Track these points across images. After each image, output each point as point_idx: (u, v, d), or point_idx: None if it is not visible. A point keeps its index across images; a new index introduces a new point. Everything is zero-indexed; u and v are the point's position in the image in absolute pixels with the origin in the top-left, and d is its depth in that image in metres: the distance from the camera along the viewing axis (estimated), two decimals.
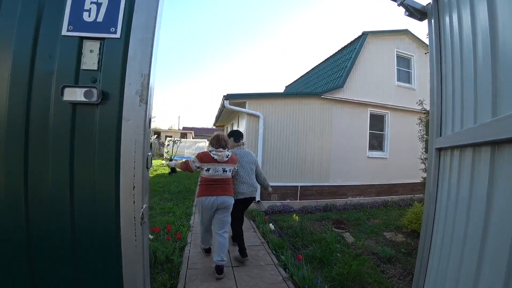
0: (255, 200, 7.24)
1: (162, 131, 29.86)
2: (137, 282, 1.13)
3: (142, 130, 1.14)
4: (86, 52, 1.20)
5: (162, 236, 4.20)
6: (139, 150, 1.14)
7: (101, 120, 1.19)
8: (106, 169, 1.18)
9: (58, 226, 1.17)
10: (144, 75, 1.15)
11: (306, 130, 7.90)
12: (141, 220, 1.13)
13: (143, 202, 1.16)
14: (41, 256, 1.18)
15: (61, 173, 1.17)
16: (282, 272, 3.34)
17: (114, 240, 1.16)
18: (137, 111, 1.14)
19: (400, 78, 9.19)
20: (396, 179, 9.02)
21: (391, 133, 8.99)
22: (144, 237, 1.17)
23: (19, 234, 1.17)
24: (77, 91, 1.14)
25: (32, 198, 1.17)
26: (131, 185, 1.13)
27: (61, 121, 1.18)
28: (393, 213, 6.37)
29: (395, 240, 4.51)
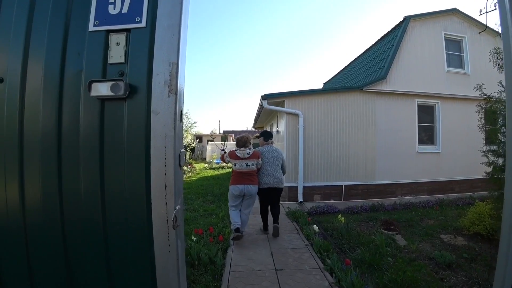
0: (298, 201, 7.12)
1: (203, 136, 30.85)
2: (172, 287, 1.07)
3: (173, 123, 1.07)
4: (112, 46, 1.17)
5: (205, 237, 4.27)
6: (170, 145, 1.07)
7: (130, 114, 1.15)
8: (136, 168, 1.14)
9: (90, 228, 1.16)
10: (172, 64, 1.09)
11: (348, 126, 7.57)
12: (174, 223, 1.06)
13: (176, 203, 1.09)
14: (74, 265, 1.18)
15: (91, 175, 1.16)
16: (328, 277, 3.18)
17: (146, 246, 1.12)
18: (166, 103, 1.08)
19: (451, 63, 8.36)
20: (451, 176, 8.20)
21: (443, 125, 8.21)
22: (178, 241, 1.11)
23: (55, 232, 1.18)
24: (104, 85, 1.12)
25: (64, 201, 1.18)
26: (163, 185, 1.06)
27: (90, 119, 1.17)
28: (450, 213, 5.76)
29: (454, 244, 4.05)
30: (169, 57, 1.09)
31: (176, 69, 1.09)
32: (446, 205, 6.45)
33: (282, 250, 4.05)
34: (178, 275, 1.09)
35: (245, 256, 3.84)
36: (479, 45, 8.38)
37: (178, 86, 1.10)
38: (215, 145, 23.54)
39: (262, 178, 4.50)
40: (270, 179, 4.48)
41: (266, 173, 4.49)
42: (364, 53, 10.68)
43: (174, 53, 1.09)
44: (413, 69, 7.93)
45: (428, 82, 8.00)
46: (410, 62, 7.92)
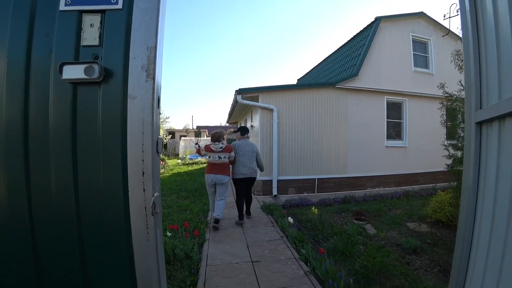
0: (273, 195, 7.21)
1: (176, 131, 30.16)
2: (151, 277, 1.04)
3: (150, 108, 1.04)
4: (86, 27, 1.11)
5: (181, 233, 4.21)
6: (148, 131, 1.03)
7: (105, 99, 1.09)
8: (112, 154, 1.09)
9: (63, 220, 1.10)
10: (150, 48, 1.05)
11: (321, 121, 7.76)
12: (152, 209, 1.03)
13: (154, 190, 1.05)
14: (47, 253, 1.11)
15: (63, 160, 1.10)
16: (303, 266, 3.27)
17: (124, 233, 1.07)
18: (143, 88, 1.04)
19: (417, 64, 8.85)
20: (417, 169, 8.74)
21: (410, 121, 8.70)
22: (157, 229, 1.08)
23: (23, 229, 1.11)
24: (77, 68, 1.05)
25: (35, 188, 1.10)
26: (140, 172, 1.02)
27: (61, 103, 1.10)
28: (415, 203, 6.14)
29: (419, 231, 4.33)
30: (146, 41, 1.05)
31: (154, 53, 1.05)
32: (412, 196, 6.88)
33: (258, 242, 4.10)
34: (158, 262, 1.06)
35: (221, 250, 3.83)
36: (443, 47, 8.93)
37: (156, 71, 1.06)
38: (189, 140, 23.15)
39: (238, 169, 4.96)
40: (246, 170, 4.97)
41: (242, 165, 4.97)
42: (337, 50, 10.98)
43: (152, 37, 1.05)
44: (383, 68, 8.29)
45: (396, 81, 8.41)
46: (380, 60, 8.27)
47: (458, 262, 1.45)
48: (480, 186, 1.26)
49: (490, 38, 1.18)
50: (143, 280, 1.04)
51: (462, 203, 1.46)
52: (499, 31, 1.09)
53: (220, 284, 2.94)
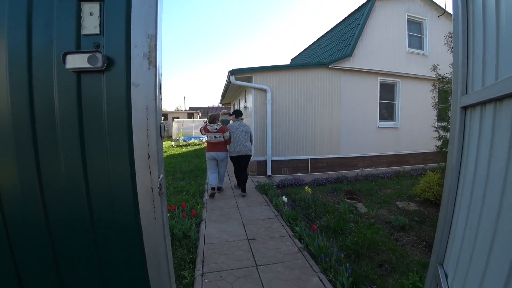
0: (267, 175, 7.34)
1: (168, 113, 29.82)
2: (159, 254, 1.11)
3: (153, 95, 1.08)
4: (85, 15, 1.10)
5: (178, 213, 4.31)
6: (152, 117, 1.07)
7: (109, 87, 1.12)
8: (118, 140, 1.13)
9: (74, 203, 1.15)
10: (150, 36, 1.07)
11: (315, 102, 7.79)
12: (159, 190, 1.09)
13: (159, 172, 1.11)
14: (61, 237, 1.16)
15: (71, 148, 1.13)
16: (297, 243, 3.42)
17: (133, 213, 1.13)
18: (146, 75, 1.07)
19: (411, 44, 8.80)
20: (408, 149, 8.93)
21: (402, 102, 8.78)
22: (163, 208, 1.15)
23: (36, 216, 1.15)
24: (80, 57, 1.06)
25: (45, 177, 1.14)
26: (146, 155, 1.08)
27: (66, 92, 1.12)
28: (405, 183, 6.35)
29: (407, 209, 4.52)
30: (147, 29, 1.07)
31: (154, 41, 1.07)
32: (402, 176, 7.10)
33: (254, 221, 4.23)
34: (164, 239, 1.13)
35: (218, 229, 3.95)
36: (438, 28, 8.87)
37: (157, 58, 1.08)
38: (182, 122, 23.00)
39: (234, 147, 5.60)
40: (241, 148, 5.58)
41: (237, 143, 5.58)
42: (331, 29, 10.81)
43: (152, 25, 1.07)
44: (377, 48, 8.23)
45: (390, 61, 8.40)
46: (375, 41, 8.21)
47: (440, 236, 1.57)
48: (462, 167, 1.34)
49: (478, 23, 1.21)
50: (152, 255, 1.11)
51: (445, 182, 1.55)
52: (486, 15, 1.13)
53: (218, 261, 3.06)
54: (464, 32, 1.31)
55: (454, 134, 1.38)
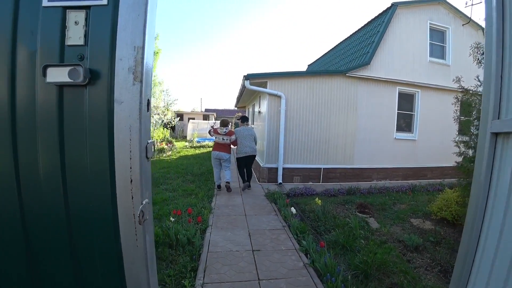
0: (277, 183, 7.22)
1: (184, 114, 30.20)
2: (141, 282, 1.03)
3: (138, 113, 0.98)
4: (70, 25, 1.03)
5: (184, 218, 4.27)
6: (135, 137, 0.98)
7: (92, 103, 1.04)
8: (99, 162, 1.05)
9: (52, 225, 1.08)
10: (137, 48, 0.98)
11: (330, 110, 7.63)
12: (140, 218, 1.00)
13: (143, 197, 1.02)
14: (39, 264, 1.10)
15: (50, 168, 1.06)
16: (303, 258, 3.29)
17: (113, 241, 1.05)
18: (131, 92, 0.98)
19: (433, 54, 8.49)
20: (425, 163, 8.58)
21: (422, 114, 8.46)
22: (146, 235, 1.06)
23: (16, 238, 1.08)
24: (61, 70, 0.99)
25: (24, 199, 1.07)
26: (128, 179, 0.99)
27: (47, 107, 1.04)
28: (420, 198, 6.07)
29: (422, 228, 4.29)
30: (134, 41, 0.98)
31: (141, 54, 0.98)
32: (418, 191, 6.79)
33: (260, 231, 4.13)
34: (147, 268, 1.05)
35: (223, 237, 3.88)
36: (462, 37, 8.54)
37: (144, 72, 0.99)
38: (197, 123, 23.24)
39: (241, 148, 6.37)
40: (247, 149, 6.37)
41: (244, 145, 6.36)
42: (350, 36, 10.62)
43: (139, 36, 0.98)
44: (396, 57, 7.99)
45: (410, 71, 8.13)
46: (395, 49, 7.97)
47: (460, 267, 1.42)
48: (490, 199, 1.20)
49: None
50: (133, 283, 1.03)
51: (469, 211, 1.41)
52: None
53: (220, 271, 2.99)
54: (498, 47, 1.16)
55: (482, 162, 1.23)
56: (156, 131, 18.28)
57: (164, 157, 12.76)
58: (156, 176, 7.86)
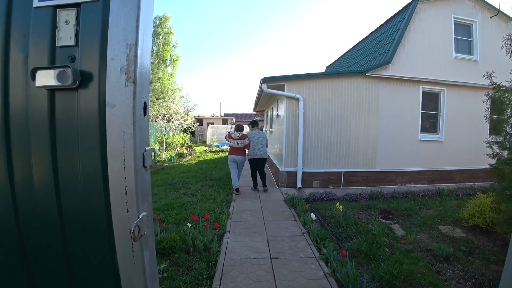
0: (297, 187, 7.08)
1: (204, 119, 30.66)
2: None
3: (131, 118, 0.89)
4: (61, 24, 0.96)
5: (202, 224, 4.25)
6: (129, 144, 0.89)
7: (83, 108, 0.96)
8: (93, 171, 0.97)
9: (44, 243, 1.02)
10: (129, 45, 0.89)
11: (350, 111, 7.42)
12: (136, 234, 0.90)
13: (139, 210, 0.93)
14: (36, 280, 1.05)
15: (44, 180, 1.01)
16: (323, 266, 3.16)
17: (109, 258, 0.98)
18: (123, 94, 0.89)
19: (459, 49, 8.04)
20: (453, 165, 8.11)
21: (448, 113, 8.02)
22: (146, 251, 0.98)
23: (8, 259, 1.04)
24: (49, 73, 0.91)
25: (19, 213, 1.03)
26: (123, 191, 0.90)
27: (38, 114, 0.98)
28: (449, 204, 5.70)
29: (452, 236, 4.00)
30: (126, 38, 0.90)
31: (134, 51, 0.89)
32: (446, 195, 6.39)
33: (279, 237, 4.03)
34: (146, 284, 0.97)
35: (241, 243, 3.82)
36: (490, 30, 8.04)
37: (137, 72, 0.91)
38: (216, 127, 23.52)
39: (252, 151, 6.69)
40: (258, 152, 6.66)
41: (255, 148, 6.66)
42: (369, 36, 10.33)
43: (132, 32, 0.89)
44: (419, 54, 7.65)
45: (434, 68, 7.74)
46: (417, 46, 7.63)
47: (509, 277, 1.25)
48: None
49: None
50: None
51: None
52: None
53: (237, 280, 2.92)
54: None
55: None
56: (176, 136, 18.67)
57: (184, 161, 12.94)
58: (175, 180, 7.97)
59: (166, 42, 23.52)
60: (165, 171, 9.94)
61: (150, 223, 1.00)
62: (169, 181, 7.90)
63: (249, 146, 6.63)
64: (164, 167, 10.77)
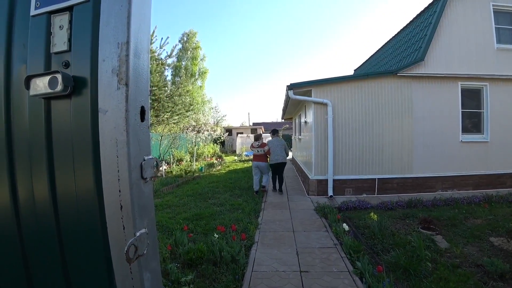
0: (328, 196, 6.83)
1: (233, 128, 31.15)
2: None
3: (124, 124, 0.81)
4: (56, 30, 0.94)
5: (229, 234, 4.20)
6: (123, 153, 0.81)
7: (76, 116, 0.90)
8: (86, 187, 0.91)
9: (39, 254, 0.99)
10: (120, 44, 0.82)
11: (381, 114, 7.06)
12: (131, 255, 0.81)
13: (136, 227, 0.83)
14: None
15: (42, 196, 0.98)
16: (358, 282, 2.94)
17: (106, 281, 0.91)
18: (115, 98, 0.81)
19: (501, 39, 7.34)
20: (502, 168, 7.32)
21: (493, 110, 7.32)
22: (145, 273, 0.88)
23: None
24: (42, 80, 0.88)
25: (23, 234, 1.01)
26: (118, 205, 0.81)
27: (35, 125, 0.95)
28: (500, 212, 5.10)
29: (507, 249, 3.53)
30: (116, 36, 0.83)
31: (126, 51, 0.82)
32: (496, 202, 5.73)
33: (309, 249, 3.86)
34: None
35: (269, 255, 3.70)
36: None
37: (130, 73, 0.83)
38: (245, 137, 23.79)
39: (273, 157, 7.46)
40: (278, 157, 7.42)
41: (275, 153, 7.44)
42: (398, 34, 9.85)
43: (122, 30, 0.82)
44: (455, 49, 7.11)
45: (473, 63, 7.15)
46: (452, 40, 7.10)
47: None
48: None
49: None
50: None
51: None
52: None
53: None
54: None
55: None
56: (207, 147, 19.08)
57: (214, 171, 13.11)
58: (205, 190, 8.07)
59: (195, 56, 24.41)
60: (195, 181, 10.11)
61: (152, 242, 0.91)
62: (199, 191, 8.00)
63: (270, 152, 7.43)
64: (195, 177, 10.96)
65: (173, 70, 22.50)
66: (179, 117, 12.06)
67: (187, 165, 13.63)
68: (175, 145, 14.61)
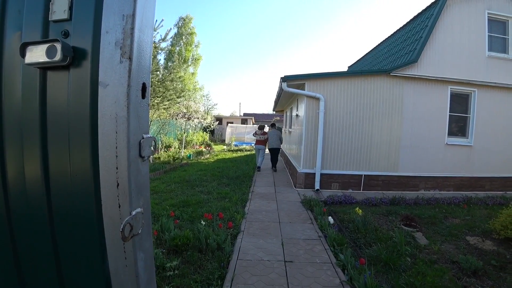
0: (315, 189, 6.92)
1: (223, 118, 30.89)
2: None
3: (125, 99, 0.78)
4: None
5: (216, 222, 4.22)
6: (123, 129, 0.78)
7: (75, 88, 0.87)
8: (82, 162, 0.87)
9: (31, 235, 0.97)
10: (126, 17, 0.79)
11: (372, 112, 7.14)
12: (127, 234, 0.79)
13: (132, 206, 0.81)
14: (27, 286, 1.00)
15: (34, 173, 0.94)
16: (340, 273, 3.02)
17: (100, 260, 0.90)
18: (117, 71, 0.78)
19: (493, 47, 7.50)
20: (483, 172, 7.60)
21: (479, 116, 7.53)
22: (139, 253, 0.87)
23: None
24: (39, 48, 0.83)
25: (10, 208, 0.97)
26: (114, 182, 0.79)
27: (29, 95, 0.90)
28: (478, 213, 5.32)
29: (482, 248, 3.71)
30: (122, 8, 0.79)
31: (131, 24, 0.78)
32: (474, 204, 5.98)
33: (294, 240, 3.93)
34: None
35: (254, 244, 3.74)
36: None
37: (134, 47, 0.79)
38: (235, 127, 23.70)
39: (270, 144, 10.00)
40: (273, 144, 10.01)
41: (272, 141, 9.99)
42: (393, 34, 9.92)
43: (129, 1, 0.79)
44: (448, 53, 7.22)
45: (464, 68, 7.29)
46: (446, 44, 7.22)
47: None
48: None
49: None
50: None
51: None
52: None
53: (248, 282, 2.85)
54: None
55: None
56: (196, 135, 18.90)
57: (202, 159, 13.05)
58: (193, 178, 8.03)
59: (189, 42, 23.89)
60: (183, 168, 10.05)
61: (146, 222, 0.90)
62: (186, 178, 7.96)
63: (267, 140, 10.14)
64: (183, 164, 10.89)
65: (166, 55, 21.97)
66: (169, 103, 11.87)
67: (176, 152, 13.50)
68: (164, 131, 14.42)
